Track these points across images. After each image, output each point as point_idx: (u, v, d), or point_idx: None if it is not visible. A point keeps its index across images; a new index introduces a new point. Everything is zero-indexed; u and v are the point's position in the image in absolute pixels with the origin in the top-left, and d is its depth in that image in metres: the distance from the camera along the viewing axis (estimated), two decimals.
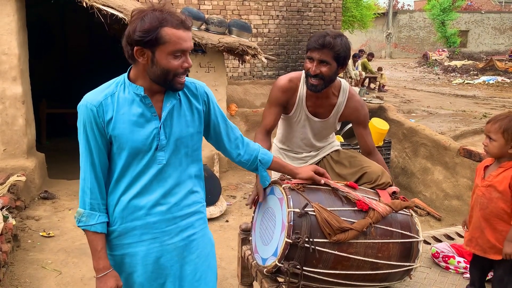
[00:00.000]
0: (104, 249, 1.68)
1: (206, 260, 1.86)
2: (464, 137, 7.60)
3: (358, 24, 14.04)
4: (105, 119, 1.61)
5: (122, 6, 5.23)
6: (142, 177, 1.67)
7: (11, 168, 5.34)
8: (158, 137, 1.66)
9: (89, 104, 1.61)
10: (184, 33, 1.58)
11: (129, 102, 1.64)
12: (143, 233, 1.71)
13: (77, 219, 1.68)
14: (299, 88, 2.46)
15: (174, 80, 1.61)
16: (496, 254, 2.10)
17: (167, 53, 1.56)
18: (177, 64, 1.58)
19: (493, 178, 2.10)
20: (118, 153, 1.66)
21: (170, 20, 1.55)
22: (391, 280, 2.12)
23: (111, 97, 1.63)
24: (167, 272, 1.76)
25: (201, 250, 1.84)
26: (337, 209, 1.91)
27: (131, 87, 1.65)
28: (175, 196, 1.73)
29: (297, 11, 9.54)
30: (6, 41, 5.28)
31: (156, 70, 1.58)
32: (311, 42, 2.28)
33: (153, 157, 1.66)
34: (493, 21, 31.04)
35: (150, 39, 1.53)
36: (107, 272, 1.67)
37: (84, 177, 1.68)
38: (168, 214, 1.73)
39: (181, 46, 1.57)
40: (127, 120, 1.62)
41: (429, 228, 5.39)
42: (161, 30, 1.53)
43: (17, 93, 5.42)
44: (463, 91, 14.40)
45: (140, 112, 1.64)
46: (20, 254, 4.19)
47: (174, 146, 1.70)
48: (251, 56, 6.21)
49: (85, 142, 1.64)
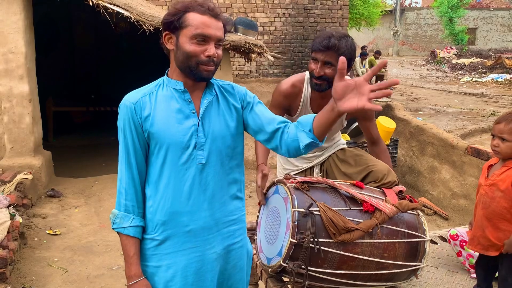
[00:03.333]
0: (137, 255, 1.61)
1: (240, 272, 1.79)
2: (472, 135, 7.55)
3: (365, 21, 13.98)
4: (143, 116, 1.58)
5: (128, 5, 5.23)
6: (182, 178, 1.60)
7: (18, 166, 5.37)
8: (196, 135, 1.60)
9: (127, 102, 1.58)
10: (209, 19, 1.54)
11: (168, 98, 1.61)
12: (184, 241, 1.63)
13: (112, 220, 1.62)
14: (303, 90, 2.43)
15: (198, 68, 1.55)
16: (496, 251, 2.08)
17: (189, 37, 1.53)
18: (199, 50, 1.53)
19: (496, 177, 2.08)
20: (156, 152, 1.60)
21: (197, 6, 1.54)
22: (397, 280, 2.10)
23: (150, 95, 1.61)
24: (207, 285, 1.67)
25: (238, 260, 1.77)
26: (342, 209, 1.90)
27: (171, 83, 1.62)
28: (218, 201, 1.66)
29: (303, 9, 9.51)
30: (13, 39, 5.30)
31: (180, 55, 1.55)
32: (316, 43, 2.25)
33: (192, 156, 1.60)
34: (502, 18, 30.75)
35: (174, 22, 1.54)
36: (138, 280, 1.59)
37: (121, 178, 1.62)
38: (211, 220, 1.65)
39: (203, 31, 1.52)
40: (165, 115, 1.58)
41: (436, 227, 5.35)
42: (186, 14, 1.53)
43: (24, 91, 5.44)
44: (471, 89, 14.29)
45: (178, 107, 1.60)
46: (26, 252, 4.21)
47: (213, 145, 1.63)
48: (257, 54, 6.19)
49: (123, 142, 1.60)
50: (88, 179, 6.29)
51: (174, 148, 1.59)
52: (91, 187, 6.02)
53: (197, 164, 1.61)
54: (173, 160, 1.60)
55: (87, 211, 5.25)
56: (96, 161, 7.30)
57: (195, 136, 1.60)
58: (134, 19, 5.21)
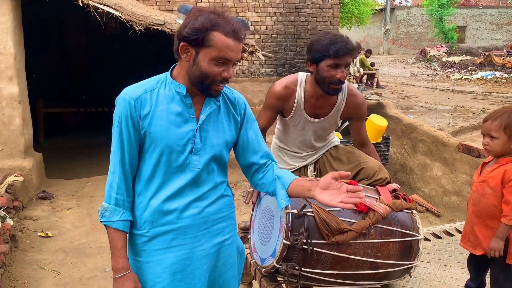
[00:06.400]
0: (124, 248, 1.60)
1: (232, 269, 1.80)
2: (463, 132, 7.60)
3: (356, 20, 14.04)
4: (142, 113, 1.56)
5: (118, 5, 5.19)
6: (175, 180, 1.61)
7: (8, 168, 5.32)
8: (193, 140, 1.60)
9: (127, 97, 1.57)
10: (233, 42, 1.52)
11: (169, 100, 1.60)
12: (173, 238, 1.64)
13: (100, 213, 1.60)
14: (296, 92, 2.42)
15: (211, 87, 1.56)
16: (482, 250, 2.09)
17: (210, 58, 1.52)
18: (217, 71, 1.53)
19: (487, 174, 2.08)
20: (150, 151, 1.60)
21: (223, 26, 1.50)
22: (390, 278, 2.11)
23: (151, 92, 1.59)
24: (195, 282, 1.67)
25: (228, 258, 1.78)
26: (336, 210, 1.89)
27: (173, 84, 1.61)
28: (206, 200, 1.67)
29: (294, 8, 9.50)
30: (2, 40, 5.25)
31: (196, 71, 1.55)
32: (340, 48, 2.19)
33: (187, 161, 1.60)
34: (491, 16, 31.01)
35: (197, 38, 1.50)
36: (125, 273, 1.59)
37: (113, 171, 1.60)
38: (199, 218, 1.66)
39: (225, 55, 1.52)
40: (164, 117, 1.57)
41: (428, 224, 5.38)
42: (211, 33, 1.50)
43: (14, 93, 5.39)
44: (461, 87, 14.40)
45: (178, 111, 1.59)
46: (18, 254, 4.17)
47: (209, 152, 1.64)
48: (248, 53, 6.18)
49: (118, 136, 1.58)
50: (79, 181, 6.24)
51: (169, 151, 1.59)
52: (82, 188, 5.98)
53: (192, 169, 1.62)
54: (167, 162, 1.60)
55: (79, 212, 5.21)
56: (87, 163, 7.25)
57: (191, 141, 1.60)
58: (124, 19, 5.17)
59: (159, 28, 5.23)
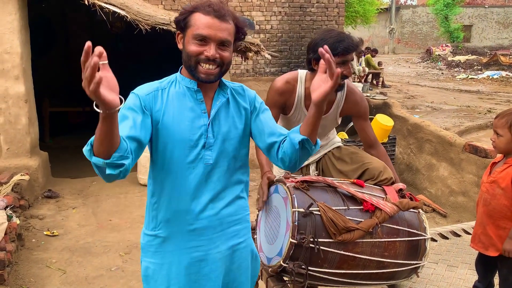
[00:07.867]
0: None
1: (246, 272, 1.78)
2: (469, 132, 7.57)
3: (361, 19, 14.00)
4: (153, 109, 1.56)
5: (124, 4, 5.20)
6: (189, 177, 1.59)
7: (14, 167, 5.34)
8: (205, 135, 1.60)
9: (139, 92, 1.57)
10: (212, 20, 1.52)
11: (180, 96, 1.60)
12: (189, 240, 1.63)
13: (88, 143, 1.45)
14: (297, 88, 2.42)
15: (196, 68, 1.55)
16: (496, 251, 2.08)
17: (191, 37, 1.54)
18: (196, 50, 1.53)
19: (497, 174, 2.08)
20: (162, 148, 1.58)
21: (203, 6, 1.54)
22: (397, 278, 2.10)
23: (162, 91, 1.60)
24: (210, 284, 1.65)
25: (242, 261, 1.75)
26: (342, 209, 1.89)
27: (184, 81, 1.62)
28: (223, 201, 1.65)
29: (299, 7, 9.49)
30: (8, 40, 5.26)
31: (184, 54, 1.58)
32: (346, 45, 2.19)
33: (200, 156, 1.59)
34: (497, 16, 30.82)
35: (181, 20, 1.57)
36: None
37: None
38: (216, 220, 1.64)
39: (202, 31, 1.52)
40: (176, 112, 1.58)
41: (434, 224, 5.36)
42: (191, 14, 1.55)
43: (20, 92, 5.41)
44: (467, 86, 14.33)
45: (190, 106, 1.60)
46: (24, 253, 4.18)
47: (222, 146, 1.63)
48: (254, 53, 6.17)
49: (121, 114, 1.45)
50: (85, 180, 6.26)
51: (181, 145, 1.58)
52: (88, 187, 6.00)
53: (205, 164, 1.60)
54: (180, 157, 1.58)
55: (84, 211, 5.22)
56: None
57: (204, 136, 1.60)
58: (130, 18, 5.18)
59: (165, 27, 5.24)
